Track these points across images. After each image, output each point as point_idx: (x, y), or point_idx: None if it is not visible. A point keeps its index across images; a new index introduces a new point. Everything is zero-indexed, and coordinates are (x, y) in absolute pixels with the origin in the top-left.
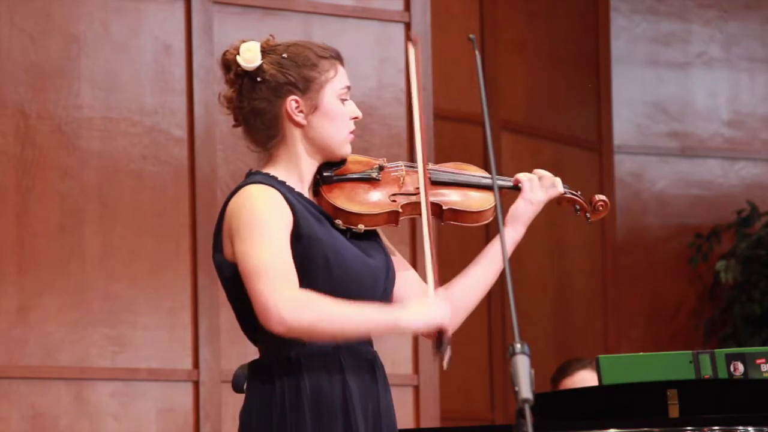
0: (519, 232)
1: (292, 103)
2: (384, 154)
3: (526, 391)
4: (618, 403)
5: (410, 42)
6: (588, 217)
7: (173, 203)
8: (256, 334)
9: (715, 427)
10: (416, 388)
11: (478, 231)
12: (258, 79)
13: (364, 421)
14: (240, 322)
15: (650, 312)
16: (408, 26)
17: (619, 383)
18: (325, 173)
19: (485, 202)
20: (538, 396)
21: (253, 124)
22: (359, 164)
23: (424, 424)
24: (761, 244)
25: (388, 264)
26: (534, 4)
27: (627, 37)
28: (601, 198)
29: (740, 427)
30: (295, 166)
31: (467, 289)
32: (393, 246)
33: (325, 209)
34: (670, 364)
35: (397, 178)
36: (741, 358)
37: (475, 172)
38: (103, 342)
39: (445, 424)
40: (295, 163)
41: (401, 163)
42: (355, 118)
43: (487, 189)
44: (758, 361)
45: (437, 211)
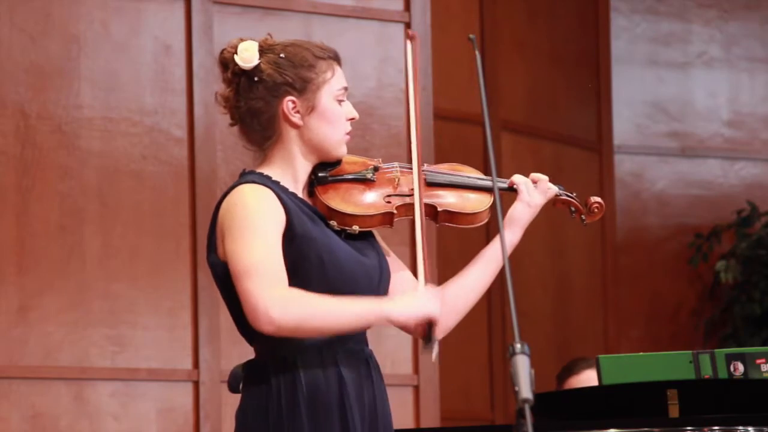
0: (516, 235)
1: (289, 104)
2: (384, 154)
3: (526, 391)
4: (618, 403)
5: (408, 39)
6: (583, 219)
7: (173, 203)
8: (251, 334)
9: (715, 427)
10: (416, 388)
11: (477, 231)
12: (255, 79)
13: (361, 421)
14: (236, 321)
15: (650, 312)
16: (408, 26)
17: (619, 383)
18: (320, 174)
19: (480, 204)
20: (538, 396)
21: (250, 123)
22: (354, 165)
23: (424, 424)
24: (761, 244)
25: (383, 264)
26: (534, 4)
27: (627, 37)
28: (596, 200)
29: (740, 427)
30: (290, 167)
31: (463, 290)
32: (393, 246)
33: (320, 210)
34: (670, 364)
35: (392, 179)
36: (741, 358)
37: (471, 173)
38: (103, 342)
39: (445, 424)
40: (290, 164)
41: (396, 164)
42: (352, 119)
43: (483, 190)
44: (758, 361)
45: (432, 213)
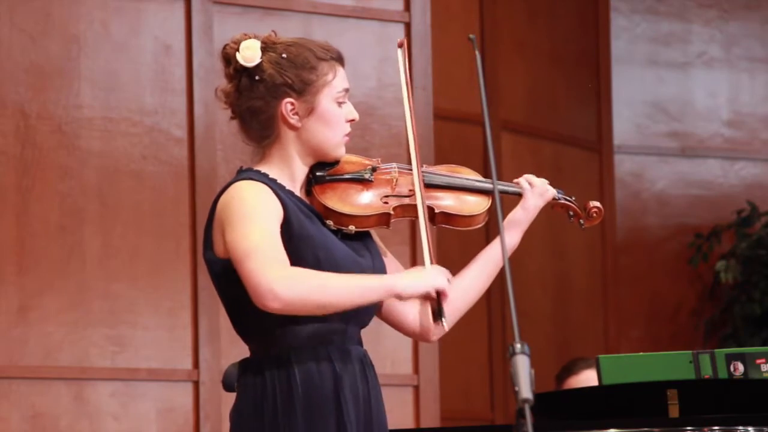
0: (515, 238)
1: (288, 106)
2: (384, 154)
3: (526, 391)
4: (618, 403)
5: (398, 46)
6: (581, 224)
7: (173, 203)
8: (247, 332)
9: (715, 427)
10: (416, 388)
11: (478, 232)
12: (256, 78)
13: (356, 419)
14: (231, 319)
15: (650, 312)
16: (408, 26)
17: (619, 383)
18: (317, 173)
19: (478, 206)
20: (538, 396)
21: (249, 121)
22: (352, 164)
23: (424, 424)
24: (761, 244)
25: (377, 265)
26: (534, 4)
27: (627, 37)
28: (595, 204)
29: (740, 427)
30: (288, 166)
31: (461, 290)
32: (393, 245)
33: (317, 209)
34: (670, 364)
35: (390, 180)
36: (741, 358)
37: (469, 175)
38: (103, 342)
39: (445, 424)
40: (288, 163)
41: (395, 165)
42: (352, 120)
43: (481, 193)
44: (758, 361)
45: (429, 214)
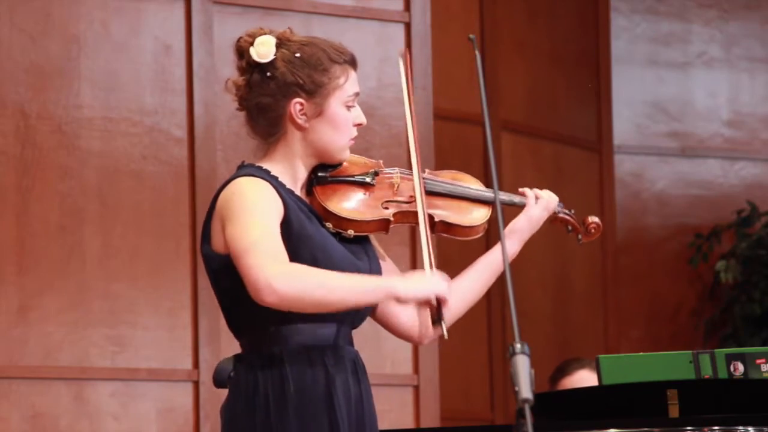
0: (514, 246)
1: (297, 106)
2: (384, 154)
3: (526, 391)
4: (618, 403)
5: (400, 56)
6: (579, 239)
7: (173, 203)
8: (240, 329)
9: (715, 427)
10: (416, 388)
11: (478, 237)
12: (268, 74)
13: (348, 418)
14: (225, 315)
15: (650, 312)
16: (408, 26)
17: (619, 383)
18: (319, 173)
19: (478, 217)
20: (538, 396)
21: (256, 117)
22: (355, 166)
23: (424, 424)
24: (761, 244)
25: (374, 269)
26: (534, 4)
27: (627, 37)
28: (594, 220)
29: (740, 427)
30: (291, 165)
31: (458, 295)
32: (392, 246)
33: (317, 210)
34: (670, 364)
35: (392, 185)
36: (741, 358)
37: (472, 184)
38: (103, 342)
39: (445, 424)
40: (291, 162)
41: (397, 170)
42: (359, 124)
43: (483, 203)
44: (758, 361)
45: (429, 223)
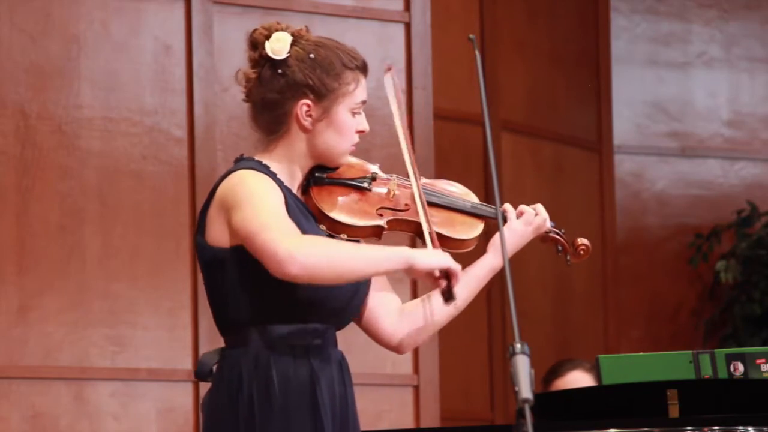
0: (498, 261)
1: (303, 107)
2: (384, 154)
3: (526, 391)
4: (618, 403)
5: (386, 71)
6: (568, 260)
7: (173, 203)
8: (226, 324)
9: (715, 427)
10: (416, 388)
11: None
12: (279, 71)
13: (332, 416)
14: (213, 309)
15: (650, 312)
16: (408, 26)
17: (619, 383)
18: (316, 174)
19: (469, 231)
20: (538, 396)
21: (261, 111)
22: (352, 169)
23: (424, 424)
24: (761, 244)
25: None
26: (534, 4)
27: (627, 37)
28: (583, 242)
29: (740, 427)
30: (289, 164)
31: (437, 310)
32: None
33: (311, 210)
34: (670, 364)
35: (388, 191)
36: (741, 358)
37: (466, 197)
38: (103, 342)
39: (445, 424)
40: (290, 161)
41: (395, 176)
42: (362, 131)
43: (476, 217)
44: (758, 361)
45: (420, 231)
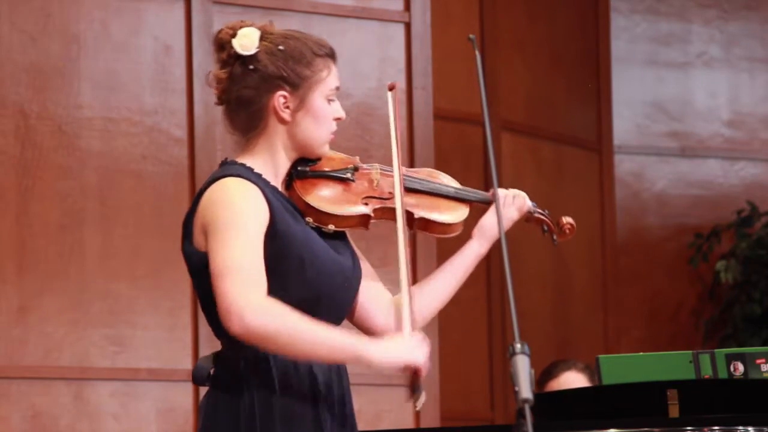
0: (483, 246)
1: (280, 99)
2: (383, 155)
3: (526, 391)
4: (618, 403)
5: (389, 89)
6: (554, 239)
7: (173, 203)
8: (221, 328)
9: (715, 427)
10: None
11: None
12: (250, 67)
13: (331, 418)
14: (206, 314)
15: (650, 312)
16: (408, 26)
17: (619, 383)
18: (299, 167)
19: (455, 215)
20: (538, 396)
21: (236, 110)
22: (334, 161)
23: (424, 424)
24: (761, 244)
25: (356, 264)
26: (534, 5)
27: (627, 37)
28: (568, 221)
29: (740, 427)
30: (272, 159)
31: (428, 299)
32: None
33: (297, 204)
34: (670, 364)
35: (371, 181)
36: (741, 358)
37: (450, 182)
38: (103, 342)
39: (445, 424)
40: (273, 156)
41: (377, 165)
42: (339, 118)
43: (460, 201)
44: (758, 361)
45: (408, 219)
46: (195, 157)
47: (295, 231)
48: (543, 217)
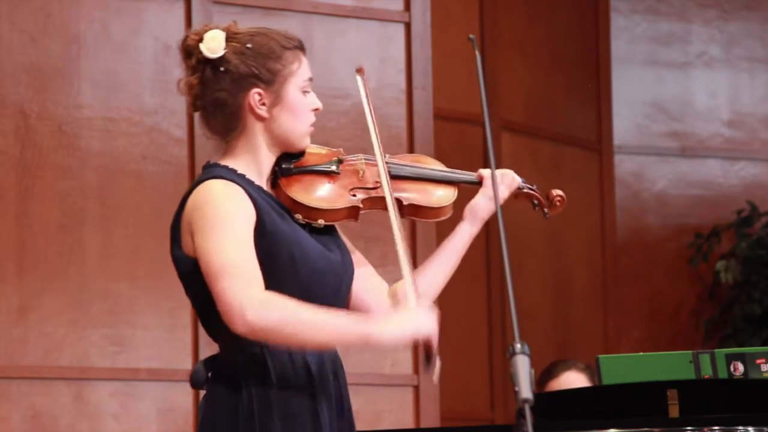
0: (476, 227)
1: (256, 96)
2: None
3: (526, 391)
4: (618, 403)
5: (357, 72)
6: (546, 213)
7: (173, 203)
8: (217, 331)
9: (715, 427)
10: (416, 388)
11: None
12: (221, 69)
13: (329, 417)
14: (201, 318)
15: (650, 312)
16: (408, 26)
17: (619, 383)
18: (283, 165)
19: (445, 198)
20: (538, 396)
21: (213, 114)
22: (317, 156)
23: (424, 424)
24: (761, 244)
25: (346, 259)
26: (534, 5)
27: (627, 37)
28: (558, 193)
29: (740, 427)
30: (255, 159)
31: (423, 285)
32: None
33: (284, 202)
34: (670, 364)
35: (357, 171)
36: (741, 358)
37: (435, 166)
38: (103, 342)
39: (445, 424)
40: (255, 155)
41: (361, 156)
42: (316, 109)
43: (448, 184)
44: (758, 361)
45: (398, 206)
46: (195, 157)
47: (283, 229)
48: (533, 192)
